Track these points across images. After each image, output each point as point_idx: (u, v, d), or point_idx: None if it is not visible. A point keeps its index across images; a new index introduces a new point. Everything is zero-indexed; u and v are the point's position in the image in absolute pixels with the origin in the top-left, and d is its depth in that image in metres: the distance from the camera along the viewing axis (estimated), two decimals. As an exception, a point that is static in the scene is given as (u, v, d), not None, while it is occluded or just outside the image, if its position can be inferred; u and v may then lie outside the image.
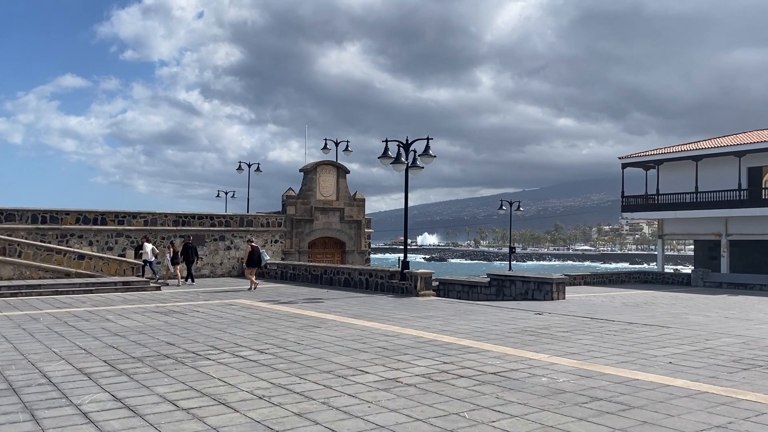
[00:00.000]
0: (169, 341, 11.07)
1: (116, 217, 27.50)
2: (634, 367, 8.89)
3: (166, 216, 28.76)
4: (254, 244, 23.28)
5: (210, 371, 8.55)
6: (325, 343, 10.83)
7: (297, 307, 16.87)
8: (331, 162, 32.98)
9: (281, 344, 10.76)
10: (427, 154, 20.09)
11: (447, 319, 14.31)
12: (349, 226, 33.01)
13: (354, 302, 18.07)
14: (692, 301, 29.06)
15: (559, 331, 12.44)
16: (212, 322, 13.82)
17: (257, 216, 31.18)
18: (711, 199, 42.52)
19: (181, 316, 14.90)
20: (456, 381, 7.98)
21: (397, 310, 16.19)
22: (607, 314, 15.55)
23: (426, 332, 12.16)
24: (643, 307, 19.23)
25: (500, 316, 14.90)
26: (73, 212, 26.60)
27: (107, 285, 21.65)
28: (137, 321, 13.88)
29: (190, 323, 13.54)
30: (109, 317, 14.56)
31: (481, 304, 17.47)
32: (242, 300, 18.73)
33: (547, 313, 15.23)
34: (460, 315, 15.01)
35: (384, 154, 20.34)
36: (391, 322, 13.76)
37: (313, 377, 8.20)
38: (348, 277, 22.81)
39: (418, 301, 18.24)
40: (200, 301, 18.58)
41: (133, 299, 18.93)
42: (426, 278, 19.61)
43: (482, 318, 14.44)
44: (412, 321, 13.93)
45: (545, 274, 22.15)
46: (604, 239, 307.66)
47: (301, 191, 31.97)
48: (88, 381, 7.94)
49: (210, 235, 29.55)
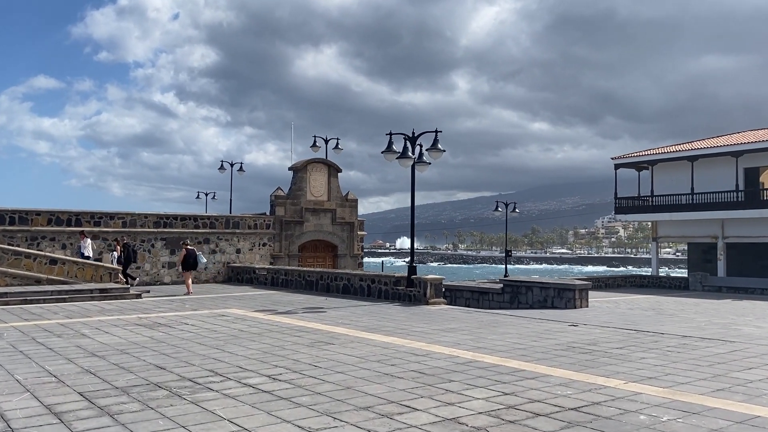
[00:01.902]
0: (159, 364, 9.22)
1: (92, 218, 25.41)
2: (739, 397, 7.27)
3: (146, 217, 26.73)
4: (189, 247, 23.13)
5: (216, 408, 6.74)
6: (347, 366, 9.06)
7: (298, 318, 15.05)
8: (322, 160, 31.14)
9: (294, 367, 8.98)
10: (436, 148, 18.41)
11: (474, 332, 12.61)
12: (342, 229, 31.19)
13: (360, 312, 16.30)
14: (699, 307, 27.74)
15: (611, 347, 10.80)
16: (206, 337, 11.97)
17: (244, 217, 29.22)
18: (707, 201, 41.44)
19: (169, 329, 13.01)
20: (535, 422, 6.28)
21: (412, 321, 14.45)
22: (647, 325, 13.97)
23: (459, 350, 10.45)
24: (679, 316, 17.59)
25: (532, 328, 13.24)
26: (45, 213, 24.46)
27: (82, 292, 19.60)
28: (118, 336, 11.98)
29: (180, 339, 11.67)
30: (85, 332, 12.63)
31: (501, 313, 15.81)
32: (234, 310, 16.86)
33: (582, 325, 13.61)
34: (486, 327, 13.32)
35: (388, 148, 18.59)
36: (412, 336, 12.03)
37: (349, 416, 6.44)
38: (347, 284, 21.00)
39: (431, 311, 16.51)
40: (187, 311, 16.67)
41: (111, 309, 16.96)
42: (436, 285, 17.87)
43: (513, 331, 12.76)
44: (436, 335, 12.21)
45: (565, 279, 20.56)
46: (580, 242, 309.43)
47: (291, 191, 30.08)
48: (59, 427, 6.09)
49: (193, 238, 27.53)
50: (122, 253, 23.75)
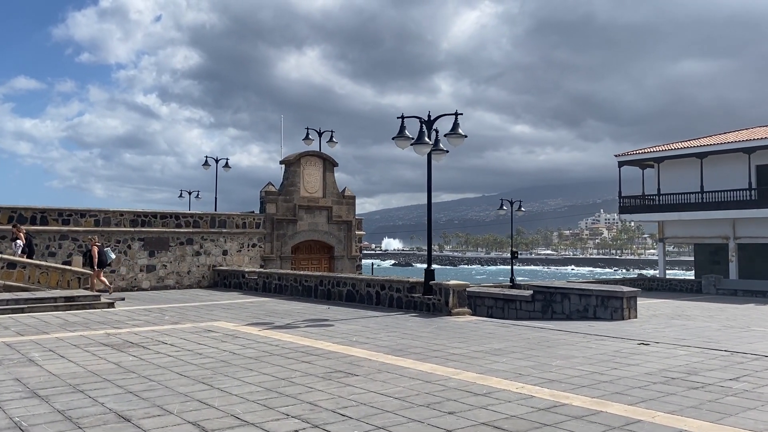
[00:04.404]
0: (122, 411, 6.57)
1: (60, 215, 22.55)
2: None
3: (122, 215, 23.90)
4: (98, 243, 20.58)
5: None
6: (387, 415, 6.47)
7: (302, 334, 12.41)
8: (316, 153, 28.43)
9: (313, 417, 6.37)
10: (456, 133, 15.84)
11: (528, 355, 10.05)
12: (338, 228, 28.52)
13: (374, 326, 13.68)
14: (726, 312, 25.55)
15: (721, 379, 8.27)
16: (188, 363, 9.32)
17: (231, 215, 26.44)
18: (718, 199, 39.36)
19: (142, 351, 10.33)
20: None
21: (442, 338, 11.87)
22: (729, 342, 11.46)
23: (525, 383, 7.89)
24: (753, 329, 15.05)
25: (595, 348, 10.71)
26: (5, 209, 21.56)
27: (44, 301, 16.79)
28: (75, 363, 9.28)
29: (155, 367, 9.01)
30: (35, 356, 9.92)
31: (544, 327, 13.25)
32: (223, 323, 14.17)
33: (654, 343, 11.11)
34: (539, 348, 10.76)
35: (400, 133, 15.98)
36: (453, 362, 9.45)
37: None
38: (352, 290, 18.36)
39: (458, 324, 13.93)
40: (167, 324, 13.97)
41: (76, 322, 14.22)
42: (460, 292, 15.26)
43: (576, 353, 10.22)
44: (483, 360, 9.63)
45: (608, 285, 18.09)
46: (565, 243, 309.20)
47: (283, 186, 27.36)
48: None
49: (175, 238, 24.75)
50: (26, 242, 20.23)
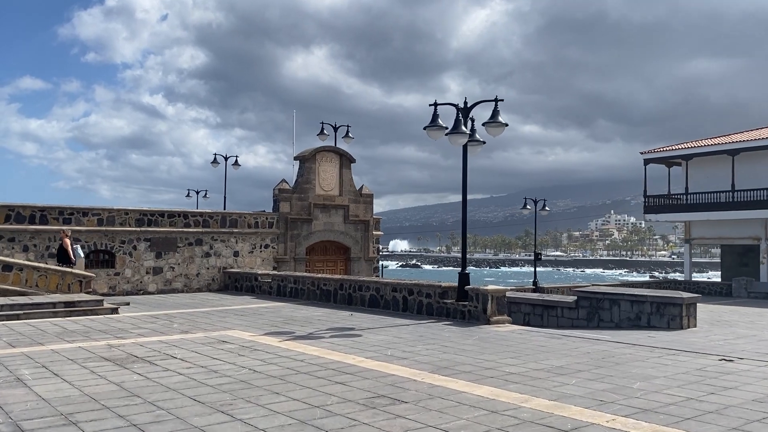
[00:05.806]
0: (122, 457, 5.14)
1: (61, 214, 21.19)
2: None
3: (127, 213, 22.54)
4: (69, 236, 19.43)
5: None
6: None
7: (328, 346, 10.96)
8: (332, 148, 26.98)
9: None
10: (496, 121, 14.34)
11: (598, 375, 8.56)
12: (355, 228, 27.07)
13: (407, 336, 12.22)
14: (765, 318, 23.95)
15: None
16: (202, 385, 7.88)
17: (243, 215, 25.02)
18: (750, 198, 37.72)
19: (148, 368, 8.91)
20: None
21: (489, 353, 10.38)
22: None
23: (616, 415, 6.41)
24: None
25: (673, 366, 9.20)
26: (2, 207, 20.21)
27: (42, 307, 15.42)
28: (70, 383, 7.87)
29: (163, 389, 7.58)
30: (24, 373, 8.52)
31: (601, 338, 11.74)
32: (238, 332, 12.73)
33: (737, 358, 9.61)
34: (606, 366, 9.26)
35: (433, 122, 14.50)
36: (514, 383, 7.97)
37: None
38: (375, 295, 16.89)
39: (501, 335, 12.44)
40: (175, 333, 12.55)
41: (75, 330, 12.82)
42: (499, 298, 13.76)
43: (654, 372, 8.72)
44: (548, 381, 8.15)
45: (667, 291, 16.58)
46: (575, 245, 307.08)
47: (297, 184, 25.93)
48: None
49: (183, 239, 23.36)
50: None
